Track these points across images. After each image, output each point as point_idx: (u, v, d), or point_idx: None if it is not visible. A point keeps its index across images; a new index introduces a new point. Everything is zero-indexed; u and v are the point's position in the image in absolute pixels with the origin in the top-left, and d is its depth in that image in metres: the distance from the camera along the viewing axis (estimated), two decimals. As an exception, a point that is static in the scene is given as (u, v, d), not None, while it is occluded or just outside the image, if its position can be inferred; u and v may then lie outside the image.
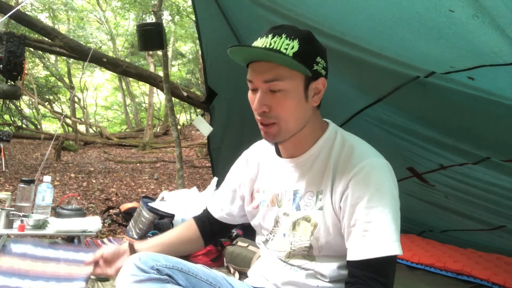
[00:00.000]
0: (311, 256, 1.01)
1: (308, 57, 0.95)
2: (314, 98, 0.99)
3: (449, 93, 1.75)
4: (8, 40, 3.94)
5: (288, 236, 1.04)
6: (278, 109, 0.95)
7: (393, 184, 0.95)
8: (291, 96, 0.95)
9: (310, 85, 0.97)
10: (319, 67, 0.98)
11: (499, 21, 1.16)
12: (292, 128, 0.98)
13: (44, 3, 11.29)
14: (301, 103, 0.97)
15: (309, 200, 1.01)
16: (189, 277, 1.03)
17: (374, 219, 0.90)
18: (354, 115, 2.40)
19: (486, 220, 2.40)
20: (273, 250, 1.09)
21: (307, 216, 1.00)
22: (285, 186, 1.06)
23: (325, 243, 0.98)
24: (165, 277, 0.99)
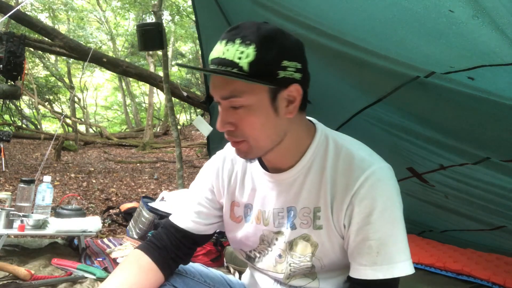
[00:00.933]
0: (313, 274, 0.93)
1: (268, 65, 0.77)
2: (288, 109, 0.83)
3: (449, 93, 1.75)
4: (8, 40, 3.95)
5: (285, 257, 0.94)
6: (243, 127, 0.82)
7: (396, 191, 0.86)
8: (255, 112, 0.80)
9: (279, 95, 0.81)
10: (288, 72, 0.79)
11: (498, 21, 1.16)
12: (263, 145, 0.85)
13: (44, 3, 11.29)
14: (270, 119, 0.81)
15: (305, 217, 0.90)
16: (186, 279, 1.02)
17: (383, 237, 0.82)
18: (354, 115, 2.40)
19: (486, 220, 2.40)
20: (266, 269, 0.99)
21: (305, 235, 0.90)
22: (275, 203, 0.94)
23: (328, 261, 0.90)
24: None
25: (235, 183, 1.00)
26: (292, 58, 0.80)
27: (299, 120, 0.88)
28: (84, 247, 2.19)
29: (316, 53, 2.18)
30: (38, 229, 2.03)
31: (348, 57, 1.93)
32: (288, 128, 0.85)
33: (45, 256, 2.03)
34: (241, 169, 1.00)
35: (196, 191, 1.05)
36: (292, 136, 0.87)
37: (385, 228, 0.82)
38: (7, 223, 1.98)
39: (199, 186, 1.05)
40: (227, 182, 1.01)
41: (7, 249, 2.15)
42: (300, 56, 0.83)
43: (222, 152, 1.05)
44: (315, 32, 1.94)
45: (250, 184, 0.98)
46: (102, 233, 2.92)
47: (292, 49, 0.81)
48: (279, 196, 0.93)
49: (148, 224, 2.51)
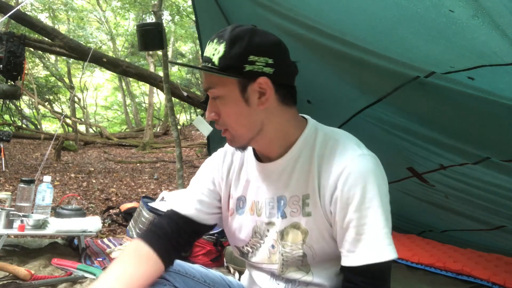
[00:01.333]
0: (306, 266, 0.94)
1: (235, 59, 0.86)
2: (260, 100, 0.89)
3: (449, 93, 1.75)
4: (8, 40, 3.94)
5: (277, 247, 0.96)
6: (222, 116, 0.91)
7: (382, 179, 0.87)
8: (227, 102, 0.89)
9: (249, 87, 0.88)
10: (256, 67, 0.86)
11: (498, 21, 1.16)
12: (242, 134, 0.92)
13: (44, 3, 11.29)
14: (242, 109, 0.89)
15: (295, 205, 0.93)
16: (186, 279, 1.03)
17: (367, 222, 0.84)
18: (354, 115, 2.40)
19: (486, 220, 2.40)
20: (261, 262, 1.00)
21: (295, 224, 0.93)
22: (266, 193, 0.97)
23: (318, 249, 0.92)
24: (162, 280, 0.99)
25: (232, 177, 1.05)
26: (260, 54, 0.87)
27: (281, 112, 0.93)
28: (84, 247, 2.19)
29: (316, 53, 2.18)
30: (38, 229, 2.03)
31: (348, 57, 1.93)
32: (265, 118, 0.91)
33: (45, 256, 2.03)
34: (239, 163, 1.05)
35: (198, 182, 1.08)
36: (274, 127, 0.93)
37: (369, 213, 0.84)
38: (7, 223, 1.98)
39: (201, 177, 1.09)
40: (226, 176, 1.05)
41: (7, 249, 2.15)
42: (273, 52, 0.89)
43: (224, 148, 1.09)
44: (315, 32, 1.94)
45: (245, 176, 1.03)
46: (102, 233, 2.91)
47: (262, 46, 0.88)
48: (270, 186, 0.97)
49: (148, 224, 2.51)
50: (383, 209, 0.84)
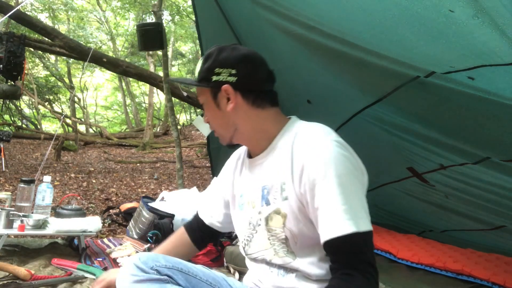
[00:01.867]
0: (291, 252, 1.02)
1: (205, 72, 1.07)
2: (228, 105, 1.06)
3: (449, 93, 1.75)
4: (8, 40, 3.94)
5: (265, 233, 1.06)
6: (209, 119, 1.13)
7: (346, 161, 0.94)
8: (206, 107, 1.11)
9: (219, 94, 1.07)
10: (222, 77, 1.05)
11: (498, 21, 1.16)
12: (221, 133, 1.12)
13: (44, 3, 11.29)
14: (216, 112, 1.09)
15: (276, 193, 1.03)
16: (188, 277, 1.04)
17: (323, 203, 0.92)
18: (354, 115, 2.40)
19: (486, 220, 2.40)
20: (255, 251, 1.10)
21: (277, 209, 1.02)
22: (255, 185, 1.09)
23: (297, 231, 0.99)
24: (165, 277, 1.00)
25: (236, 177, 1.20)
26: (224, 66, 1.05)
27: (254, 113, 1.08)
28: (84, 247, 2.19)
29: (316, 53, 2.18)
30: (38, 229, 2.03)
31: (348, 57, 1.93)
32: (237, 119, 1.08)
33: (45, 256, 2.03)
34: (240, 163, 1.20)
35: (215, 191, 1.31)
36: (249, 126, 1.09)
37: (336, 190, 0.91)
38: (7, 223, 1.98)
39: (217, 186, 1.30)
40: (232, 177, 1.21)
41: (7, 249, 2.14)
42: (237, 64, 1.06)
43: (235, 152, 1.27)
44: (315, 32, 1.94)
45: (243, 174, 1.17)
46: (102, 233, 2.91)
47: (226, 60, 1.06)
48: (256, 178, 1.10)
49: (148, 224, 2.51)
50: (343, 188, 0.91)
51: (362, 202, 0.94)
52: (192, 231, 1.32)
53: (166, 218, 2.50)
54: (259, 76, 1.08)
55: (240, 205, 1.15)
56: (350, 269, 0.89)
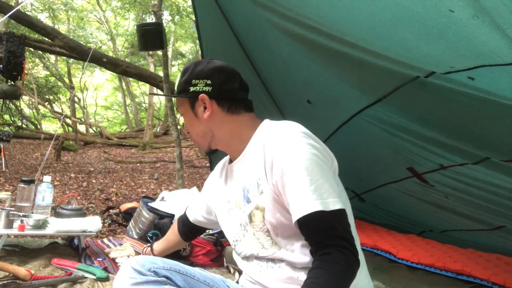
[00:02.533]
0: (275, 244, 1.06)
1: (183, 84, 1.16)
2: (206, 113, 1.14)
3: (449, 93, 1.75)
4: (8, 40, 3.93)
5: (250, 229, 1.11)
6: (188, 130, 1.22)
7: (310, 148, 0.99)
8: (185, 118, 1.20)
9: (196, 104, 1.15)
10: (198, 87, 1.14)
11: (499, 21, 1.16)
12: (198, 141, 1.20)
13: (44, 3, 11.28)
14: (193, 121, 1.18)
15: (254, 190, 1.08)
16: (186, 278, 1.04)
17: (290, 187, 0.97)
18: (354, 115, 2.40)
19: (486, 220, 2.40)
20: (243, 249, 1.15)
21: (256, 205, 1.07)
22: (237, 187, 1.15)
23: (276, 222, 1.04)
24: (163, 279, 1.00)
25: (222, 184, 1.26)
26: (200, 78, 1.14)
27: (229, 119, 1.15)
28: (84, 247, 2.19)
29: (316, 53, 2.18)
30: (38, 229, 2.03)
31: (348, 57, 1.93)
32: (213, 126, 1.16)
33: (45, 256, 2.03)
34: (225, 171, 1.26)
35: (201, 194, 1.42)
36: (225, 132, 1.16)
37: (302, 173, 0.96)
38: (7, 223, 1.97)
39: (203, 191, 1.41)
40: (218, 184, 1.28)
41: (7, 249, 2.14)
42: (211, 75, 1.14)
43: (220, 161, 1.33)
44: (315, 32, 1.94)
45: (227, 180, 1.23)
46: (102, 233, 2.91)
47: (201, 72, 1.15)
48: (238, 180, 1.16)
49: (148, 224, 2.51)
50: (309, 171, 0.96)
51: (331, 183, 0.98)
52: (181, 223, 1.52)
53: (166, 218, 2.50)
54: (232, 86, 1.16)
55: (228, 210, 1.20)
56: (326, 248, 0.93)
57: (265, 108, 2.99)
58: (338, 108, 2.46)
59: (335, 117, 2.49)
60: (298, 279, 1.02)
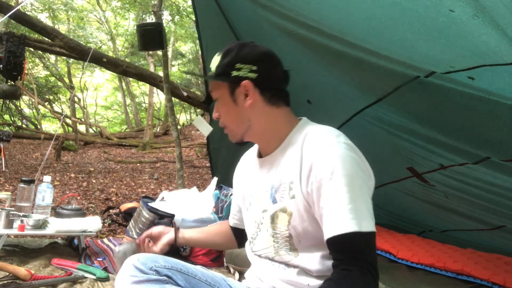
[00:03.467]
0: (295, 250, 1.03)
1: (224, 66, 1.07)
2: (246, 101, 1.07)
3: (449, 93, 1.75)
4: (8, 40, 3.93)
5: (269, 230, 1.07)
6: (221, 115, 1.13)
7: (353, 163, 0.96)
8: (221, 102, 1.10)
9: (236, 90, 1.07)
10: (242, 73, 1.05)
11: (499, 21, 1.16)
12: (234, 129, 1.12)
13: (44, 3, 11.28)
14: (231, 107, 1.09)
15: (283, 191, 1.04)
16: (188, 277, 1.04)
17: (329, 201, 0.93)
18: (354, 115, 2.40)
19: (486, 220, 2.40)
20: (259, 249, 1.11)
21: (283, 208, 1.04)
22: (263, 184, 1.11)
23: (302, 230, 1.01)
24: (164, 278, 1.00)
25: (245, 177, 1.22)
26: (245, 62, 1.06)
27: (268, 111, 1.09)
28: (84, 247, 2.19)
29: (316, 53, 2.18)
30: (38, 229, 2.03)
31: (348, 57, 1.93)
32: (252, 116, 1.09)
33: (45, 256, 2.03)
34: (249, 164, 1.21)
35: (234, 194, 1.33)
36: (262, 124, 1.09)
37: (342, 189, 0.92)
38: (7, 223, 1.97)
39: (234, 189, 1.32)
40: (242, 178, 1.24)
41: (7, 249, 2.14)
42: (258, 61, 1.07)
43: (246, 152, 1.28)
44: (315, 32, 1.94)
45: (252, 174, 1.18)
46: (102, 233, 2.91)
47: (247, 56, 1.07)
48: (266, 177, 1.11)
49: (148, 224, 2.51)
50: (349, 188, 0.92)
51: (367, 204, 0.95)
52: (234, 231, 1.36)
53: (166, 218, 2.50)
54: (277, 75, 1.09)
55: (249, 204, 1.17)
56: (349, 265, 0.90)
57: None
58: (338, 108, 2.46)
59: (335, 117, 2.49)
60: (309, 286, 1.00)
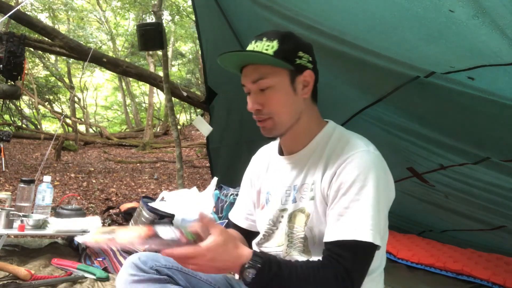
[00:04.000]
0: (308, 252, 1.01)
1: (288, 52, 0.99)
2: (304, 90, 1.02)
3: (449, 93, 1.75)
4: (8, 40, 3.93)
5: (285, 229, 1.05)
6: (269, 105, 1.00)
7: (381, 177, 0.94)
8: (278, 90, 1.00)
9: (297, 78, 1.01)
10: (303, 61, 1.01)
11: (499, 21, 1.16)
12: (285, 120, 1.02)
13: (44, 3, 11.28)
14: (290, 96, 1.01)
15: (304, 192, 1.02)
16: (188, 277, 1.04)
17: (352, 206, 0.91)
18: (354, 115, 2.40)
19: (486, 220, 2.40)
20: (271, 247, 1.08)
21: (302, 208, 1.02)
22: (284, 182, 1.07)
23: (318, 233, 0.99)
24: (165, 277, 1.00)
25: (263, 173, 1.17)
26: (305, 51, 1.02)
27: (311, 107, 1.06)
28: (84, 247, 2.19)
29: (316, 53, 2.17)
30: (38, 229, 2.03)
31: (348, 57, 1.93)
32: (303, 109, 1.03)
33: (45, 256, 2.03)
34: (267, 160, 1.17)
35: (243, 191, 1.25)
36: (306, 120, 1.04)
37: (354, 199, 0.91)
38: (7, 223, 1.98)
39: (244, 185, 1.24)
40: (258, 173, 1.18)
41: (7, 249, 2.15)
42: (311, 52, 1.05)
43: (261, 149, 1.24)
44: (315, 32, 1.94)
45: (271, 171, 1.14)
46: (102, 233, 2.91)
47: (305, 45, 1.04)
48: (287, 176, 1.07)
49: (148, 224, 2.51)
50: (373, 201, 0.91)
51: (385, 217, 0.95)
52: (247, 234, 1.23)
53: (166, 218, 2.50)
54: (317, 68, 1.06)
55: (265, 201, 1.13)
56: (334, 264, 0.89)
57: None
58: (338, 108, 2.46)
59: (335, 117, 2.47)
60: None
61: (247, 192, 1.22)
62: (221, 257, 0.84)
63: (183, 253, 0.82)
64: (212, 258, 0.83)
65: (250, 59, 1.01)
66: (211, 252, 0.83)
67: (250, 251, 0.87)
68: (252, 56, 1.01)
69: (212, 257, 0.83)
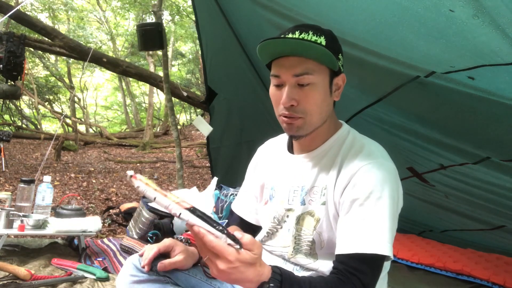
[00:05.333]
0: (314, 255, 0.99)
1: (335, 51, 0.96)
2: (335, 93, 1.02)
3: (449, 93, 1.75)
4: (8, 40, 3.94)
5: (291, 230, 1.03)
6: (305, 103, 0.95)
7: (395, 189, 0.94)
8: (318, 89, 0.96)
9: (334, 80, 1.00)
10: (340, 64, 1.00)
11: (499, 21, 1.16)
12: (315, 121, 0.98)
13: (44, 3, 11.28)
14: (326, 97, 0.98)
15: (314, 195, 1.00)
16: (188, 277, 1.04)
17: (369, 218, 0.89)
18: (354, 115, 2.40)
19: (486, 220, 2.40)
20: (275, 246, 1.07)
21: (311, 211, 1.00)
22: (292, 182, 1.05)
23: (327, 238, 0.97)
24: (165, 278, 1.00)
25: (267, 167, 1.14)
26: (341, 55, 1.01)
27: (333, 112, 1.05)
28: (84, 247, 2.19)
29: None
30: (38, 229, 2.03)
31: (348, 57, 1.92)
32: (331, 111, 1.02)
33: (45, 256, 2.03)
34: (274, 155, 1.14)
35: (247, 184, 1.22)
36: (328, 122, 1.02)
37: (370, 210, 0.89)
38: (7, 223, 1.98)
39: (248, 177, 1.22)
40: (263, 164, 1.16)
41: (7, 249, 2.15)
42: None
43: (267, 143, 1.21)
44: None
45: (277, 167, 1.11)
46: (102, 233, 2.91)
47: (341, 48, 1.02)
48: (296, 175, 1.05)
49: (148, 224, 2.51)
50: (389, 212, 0.89)
51: (395, 228, 0.94)
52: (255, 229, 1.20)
53: (166, 218, 2.50)
54: None
55: (269, 197, 1.11)
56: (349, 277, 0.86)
57: (265, 108, 2.99)
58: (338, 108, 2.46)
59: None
60: None
61: (250, 185, 1.20)
62: (245, 274, 0.76)
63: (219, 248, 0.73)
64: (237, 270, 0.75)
65: (304, 50, 0.93)
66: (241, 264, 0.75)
67: (269, 267, 0.81)
68: (309, 47, 0.92)
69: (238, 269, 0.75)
